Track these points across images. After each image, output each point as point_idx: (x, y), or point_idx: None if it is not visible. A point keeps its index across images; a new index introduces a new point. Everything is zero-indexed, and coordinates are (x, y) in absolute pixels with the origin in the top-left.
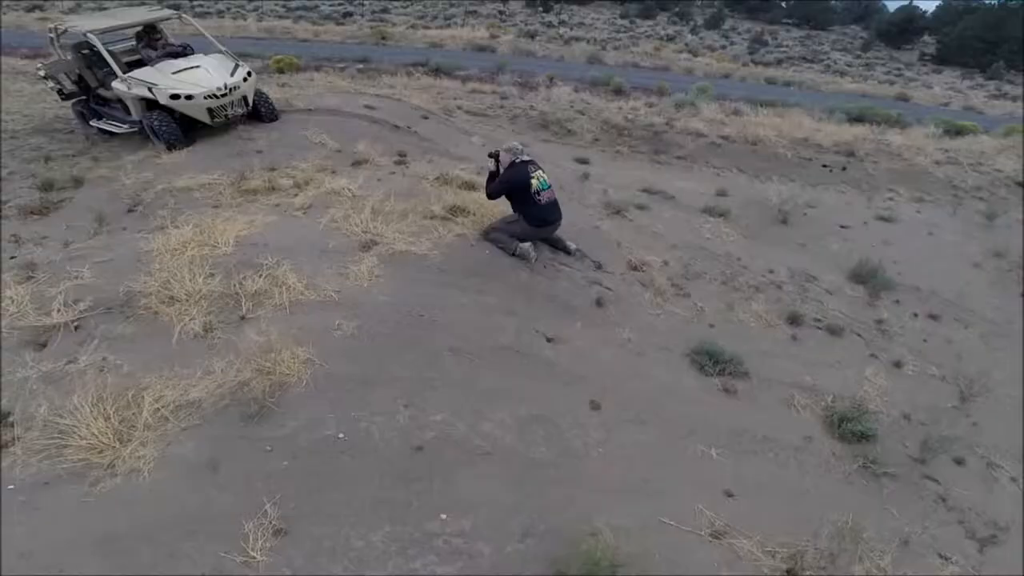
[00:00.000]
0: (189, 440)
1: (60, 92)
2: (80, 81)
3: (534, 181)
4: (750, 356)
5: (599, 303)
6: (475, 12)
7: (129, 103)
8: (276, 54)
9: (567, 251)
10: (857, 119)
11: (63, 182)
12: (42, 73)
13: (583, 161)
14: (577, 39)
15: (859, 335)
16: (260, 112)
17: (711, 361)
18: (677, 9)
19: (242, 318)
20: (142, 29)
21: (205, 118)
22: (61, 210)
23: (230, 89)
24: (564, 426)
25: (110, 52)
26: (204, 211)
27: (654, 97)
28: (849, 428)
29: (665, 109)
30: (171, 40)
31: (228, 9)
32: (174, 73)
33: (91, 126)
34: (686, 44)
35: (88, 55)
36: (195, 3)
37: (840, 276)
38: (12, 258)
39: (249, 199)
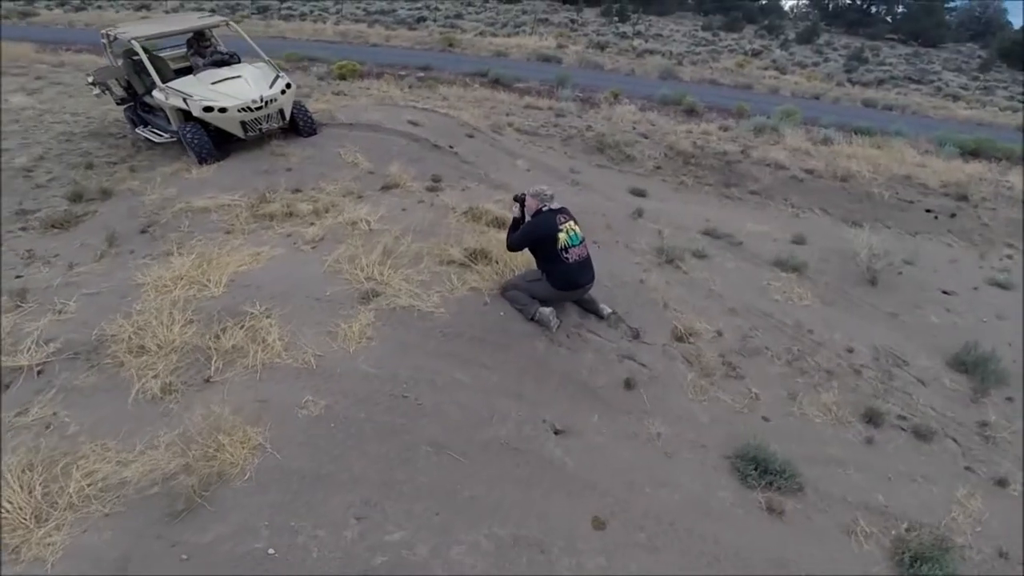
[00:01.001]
0: (107, 529)
1: (107, 94)
2: (129, 87)
3: (562, 235)
4: (809, 463)
5: (628, 385)
6: (546, 20)
7: (168, 113)
8: (343, 59)
9: (599, 315)
10: (972, 154)
11: (92, 193)
12: (90, 79)
13: (639, 193)
14: (651, 52)
15: (954, 441)
16: (298, 126)
17: (756, 469)
18: (766, 22)
19: (206, 380)
20: (192, 36)
21: (238, 132)
22: (82, 224)
23: (266, 102)
24: (555, 552)
25: (155, 59)
26: (214, 236)
27: (731, 119)
28: (924, 572)
29: (742, 134)
30: (220, 48)
31: (311, 12)
32: (213, 83)
33: (138, 133)
34: (773, 60)
35: (137, 61)
36: (284, 6)
37: (937, 360)
38: (17, 277)
39: (264, 225)
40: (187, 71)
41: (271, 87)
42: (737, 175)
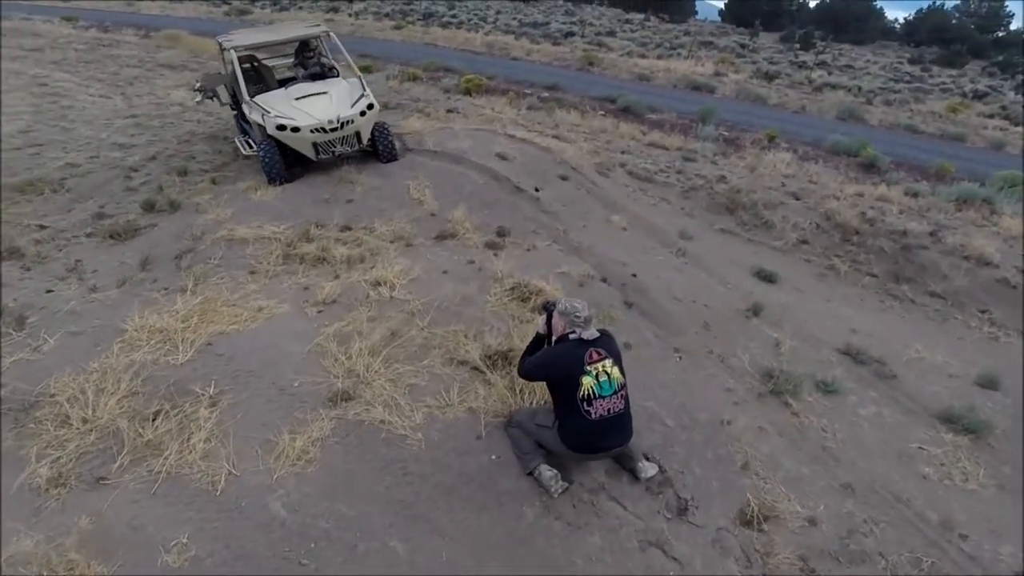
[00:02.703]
0: None
1: (212, 100)
2: (235, 95)
3: (587, 379)
4: None
5: None
6: (710, 43)
7: (254, 127)
8: (476, 72)
9: (635, 475)
10: None
11: (163, 204)
12: (197, 85)
13: (766, 277)
14: (833, 86)
15: None
16: (377, 150)
17: None
18: (999, 58)
19: (99, 480)
20: (299, 45)
21: (309, 153)
22: (137, 238)
23: (342, 123)
24: None
25: (260, 69)
26: (236, 275)
27: (924, 182)
28: None
29: (936, 205)
30: (323, 59)
31: (469, 20)
32: (297, 99)
33: (235, 141)
34: (1003, 107)
35: (244, 70)
36: (448, 13)
37: None
38: (48, 292)
39: (290, 269)
40: (290, 82)
41: (352, 107)
42: (916, 267)
